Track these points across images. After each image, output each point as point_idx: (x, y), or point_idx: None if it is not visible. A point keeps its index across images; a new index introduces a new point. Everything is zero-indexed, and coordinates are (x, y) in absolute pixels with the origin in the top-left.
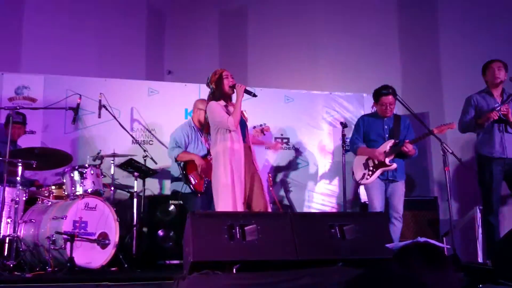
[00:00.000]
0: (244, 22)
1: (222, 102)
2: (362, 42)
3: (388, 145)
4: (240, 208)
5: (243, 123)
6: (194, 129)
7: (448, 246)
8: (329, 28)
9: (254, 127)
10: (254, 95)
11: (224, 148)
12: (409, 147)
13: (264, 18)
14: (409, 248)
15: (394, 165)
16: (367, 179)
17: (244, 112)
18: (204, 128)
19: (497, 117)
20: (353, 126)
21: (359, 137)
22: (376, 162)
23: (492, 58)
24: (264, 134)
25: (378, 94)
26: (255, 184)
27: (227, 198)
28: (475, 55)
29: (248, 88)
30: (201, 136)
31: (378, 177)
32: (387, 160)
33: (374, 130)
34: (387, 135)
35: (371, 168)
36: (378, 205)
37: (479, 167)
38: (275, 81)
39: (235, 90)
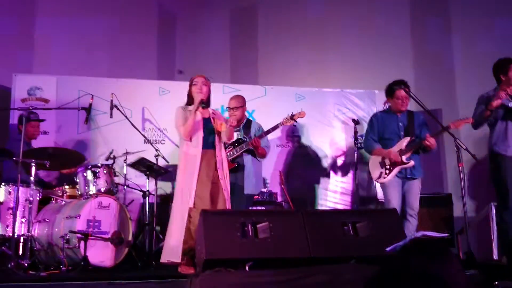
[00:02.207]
0: (254, 21)
1: (190, 108)
2: (373, 38)
3: (403, 143)
4: (186, 213)
5: (210, 130)
6: None
7: (446, 235)
8: (340, 24)
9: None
10: (204, 107)
11: (180, 153)
12: (431, 141)
13: (274, 17)
14: (408, 247)
15: (412, 163)
16: (384, 178)
17: (214, 119)
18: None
19: (504, 96)
20: (364, 123)
21: (374, 136)
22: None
23: (506, 53)
24: (296, 121)
25: (392, 88)
26: (219, 192)
27: (180, 203)
28: (489, 50)
29: (203, 101)
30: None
31: (396, 175)
32: (404, 158)
33: (389, 128)
34: (402, 133)
35: (388, 167)
36: (396, 204)
37: (493, 164)
38: (285, 79)
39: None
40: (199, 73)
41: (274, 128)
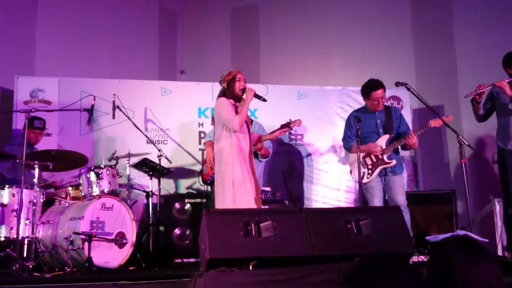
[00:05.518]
0: (256, 20)
1: (232, 102)
2: (375, 35)
3: (383, 141)
4: (253, 203)
5: (247, 127)
6: None
7: (487, 240)
8: (341, 22)
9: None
10: (264, 100)
11: (231, 145)
12: (414, 140)
13: (276, 15)
14: (448, 240)
15: (394, 162)
16: (368, 178)
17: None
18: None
19: (484, 88)
20: None
21: (352, 135)
22: (374, 160)
23: (507, 48)
24: (291, 128)
25: (368, 90)
26: (255, 187)
27: (243, 194)
28: (490, 45)
29: (258, 93)
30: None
31: (378, 174)
32: (385, 157)
33: (367, 126)
34: (381, 130)
35: (369, 167)
36: (378, 204)
37: (498, 158)
38: (287, 77)
39: (245, 93)
40: (201, 72)
41: (271, 134)
